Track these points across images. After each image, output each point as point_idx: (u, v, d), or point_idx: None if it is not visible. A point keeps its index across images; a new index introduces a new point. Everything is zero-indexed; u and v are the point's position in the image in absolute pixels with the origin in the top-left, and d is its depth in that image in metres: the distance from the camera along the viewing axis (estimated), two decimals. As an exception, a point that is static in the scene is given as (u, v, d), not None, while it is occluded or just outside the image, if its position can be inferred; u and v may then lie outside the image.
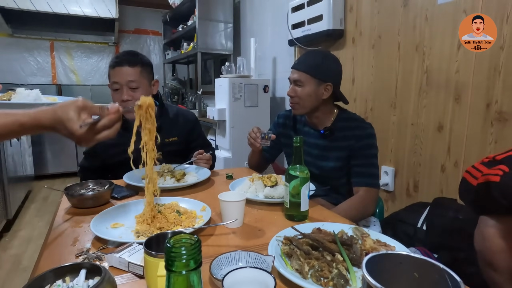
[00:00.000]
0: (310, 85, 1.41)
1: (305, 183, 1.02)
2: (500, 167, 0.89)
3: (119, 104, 1.48)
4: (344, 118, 1.49)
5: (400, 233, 1.55)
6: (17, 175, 3.25)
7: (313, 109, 1.46)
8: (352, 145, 1.42)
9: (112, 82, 1.50)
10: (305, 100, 1.43)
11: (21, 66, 4.70)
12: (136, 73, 1.50)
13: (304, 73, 1.41)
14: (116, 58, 1.52)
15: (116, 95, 1.51)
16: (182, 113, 1.76)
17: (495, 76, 1.51)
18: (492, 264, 0.96)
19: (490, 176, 0.90)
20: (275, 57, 3.34)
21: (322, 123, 1.49)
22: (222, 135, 3.15)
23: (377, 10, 2.11)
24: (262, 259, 0.72)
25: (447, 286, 0.43)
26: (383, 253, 0.49)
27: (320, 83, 1.41)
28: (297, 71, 1.44)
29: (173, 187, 1.33)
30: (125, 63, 1.48)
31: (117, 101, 1.50)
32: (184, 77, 5.42)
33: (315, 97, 1.43)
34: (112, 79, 1.50)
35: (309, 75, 1.41)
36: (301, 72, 1.42)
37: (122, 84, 1.49)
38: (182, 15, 4.35)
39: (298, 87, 1.44)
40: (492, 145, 1.54)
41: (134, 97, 1.50)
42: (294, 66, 1.46)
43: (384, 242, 0.84)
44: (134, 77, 1.49)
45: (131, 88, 1.50)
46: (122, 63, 1.49)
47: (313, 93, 1.42)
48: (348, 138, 1.43)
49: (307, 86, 1.42)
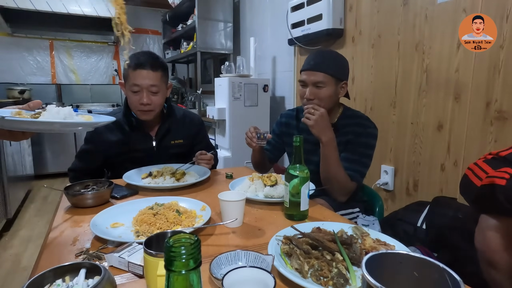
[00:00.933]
0: (331, 85, 1.39)
1: (305, 182, 1.02)
2: (507, 170, 0.89)
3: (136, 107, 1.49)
4: (349, 115, 1.49)
5: (400, 232, 1.55)
6: (17, 174, 3.25)
7: (330, 108, 1.44)
8: (350, 140, 1.42)
9: (133, 84, 1.45)
10: (326, 101, 1.40)
11: (20, 66, 4.70)
12: (158, 78, 1.47)
13: (326, 74, 1.37)
14: (138, 60, 1.45)
15: (135, 97, 1.47)
16: (188, 115, 1.75)
17: (495, 75, 1.51)
18: (492, 263, 0.96)
19: (495, 178, 0.90)
20: (274, 57, 3.34)
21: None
22: (222, 135, 3.15)
23: (377, 9, 2.11)
24: (262, 259, 0.72)
25: (447, 285, 0.43)
26: (383, 252, 0.49)
27: (338, 82, 1.41)
28: (316, 73, 1.38)
29: (173, 186, 1.33)
30: (148, 67, 1.44)
31: (135, 103, 1.49)
32: (183, 77, 5.42)
33: (334, 97, 1.42)
34: (132, 81, 1.45)
35: (330, 75, 1.37)
36: (322, 73, 1.37)
37: (143, 87, 1.45)
38: (182, 15, 4.35)
39: (318, 88, 1.39)
40: (492, 144, 1.55)
41: (153, 101, 1.48)
42: (313, 68, 1.40)
43: (384, 241, 0.84)
44: (155, 81, 1.46)
45: (152, 92, 1.47)
46: (145, 66, 1.44)
47: (333, 94, 1.41)
48: (348, 133, 1.43)
49: (328, 87, 1.38)
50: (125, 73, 1.49)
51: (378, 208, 1.57)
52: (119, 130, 1.57)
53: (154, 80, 1.46)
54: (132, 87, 1.46)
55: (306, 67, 1.43)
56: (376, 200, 1.59)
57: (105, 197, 1.18)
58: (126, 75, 1.48)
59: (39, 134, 4.16)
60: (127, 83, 1.48)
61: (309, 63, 1.42)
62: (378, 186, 2.15)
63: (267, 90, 3.16)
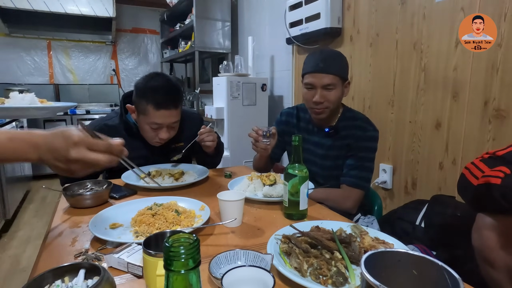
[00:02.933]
0: (339, 86, 1.36)
1: (304, 181, 1.02)
2: (501, 169, 0.90)
3: (153, 139, 1.45)
4: (348, 117, 1.46)
5: (398, 231, 1.55)
6: (15, 175, 3.24)
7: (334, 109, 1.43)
8: (350, 144, 1.41)
9: (153, 122, 1.39)
10: (335, 103, 1.38)
11: (18, 66, 4.68)
12: (178, 113, 1.43)
13: (335, 76, 1.34)
14: (160, 99, 1.35)
15: (153, 133, 1.43)
16: (187, 116, 1.66)
17: (493, 74, 1.51)
18: (489, 261, 0.96)
19: (491, 177, 0.90)
20: (272, 56, 3.34)
21: (328, 122, 1.46)
22: (220, 134, 3.15)
23: (375, 8, 2.11)
24: (261, 258, 0.72)
25: (446, 284, 0.43)
26: (381, 250, 0.49)
27: (343, 82, 1.39)
28: (326, 75, 1.33)
29: (172, 186, 1.33)
30: (172, 106, 1.37)
31: (151, 137, 1.45)
32: (182, 76, 5.41)
33: (340, 99, 1.41)
34: (153, 120, 1.38)
35: (339, 76, 1.35)
36: (332, 75, 1.33)
37: (164, 125, 1.41)
38: (180, 14, 4.34)
39: (328, 91, 1.35)
40: (490, 142, 1.55)
41: (171, 134, 1.46)
42: (322, 70, 1.33)
43: (383, 239, 0.84)
44: (177, 117, 1.43)
45: (172, 127, 1.44)
46: (169, 106, 1.36)
47: (341, 95, 1.39)
48: (348, 137, 1.42)
49: (337, 88, 1.36)
50: (141, 104, 1.39)
51: (376, 207, 1.57)
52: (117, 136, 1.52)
53: (177, 116, 1.42)
54: (152, 124, 1.40)
55: (313, 69, 1.36)
56: (375, 199, 1.59)
57: (103, 197, 1.18)
58: (143, 108, 1.38)
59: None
60: (143, 116, 1.40)
61: (317, 65, 1.35)
62: (376, 184, 2.15)
63: (265, 89, 3.16)
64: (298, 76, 2.93)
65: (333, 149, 1.45)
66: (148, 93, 1.36)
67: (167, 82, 1.41)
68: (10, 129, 0.75)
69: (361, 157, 1.39)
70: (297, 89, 3.01)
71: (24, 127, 3.75)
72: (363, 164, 1.39)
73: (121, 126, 1.53)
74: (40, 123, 4.18)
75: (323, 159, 1.48)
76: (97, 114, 4.29)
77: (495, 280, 0.97)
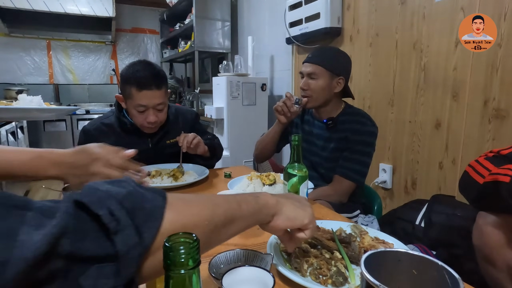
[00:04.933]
0: (324, 78, 1.43)
1: (304, 181, 1.02)
2: (510, 167, 0.89)
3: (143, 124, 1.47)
4: (349, 112, 1.51)
5: (398, 231, 1.55)
6: (15, 175, 3.23)
7: (325, 103, 1.48)
8: (348, 137, 1.43)
9: (138, 105, 1.41)
10: (318, 93, 1.45)
11: (17, 66, 4.68)
12: (162, 95, 1.45)
13: (319, 66, 1.43)
14: (140, 79, 1.39)
15: (141, 116, 1.45)
16: (181, 112, 1.72)
17: (493, 74, 1.51)
18: (490, 260, 0.96)
19: (499, 176, 0.90)
20: (272, 55, 3.34)
21: (328, 114, 1.51)
22: (220, 134, 3.15)
23: (375, 8, 2.11)
24: (261, 258, 0.72)
25: (446, 283, 0.43)
26: (381, 250, 0.49)
27: (333, 76, 1.44)
28: (311, 64, 1.44)
29: (171, 186, 1.33)
30: (154, 87, 1.40)
31: (141, 121, 1.47)
32: (181, 76, 5.41)
33: (328, 90, 1.45)
34: (138, 102, 1.41)
35: (324, 68, 1.42)
36: (316, 65, 1.43)
37: (149, 107, 1.43)
38: (179, 14, 4.34)
39: (312, 80, 1.45)
40: (490, 142, 1.55)
41: (159, 117, 1.47)
42: (308, 60, 1.47)
43: (383, 239, 0.84)
44: (161, 99, 1.44)
45: (158, 109, 1.46)
46: (151, 86, 1.39)
47: (327, 86, 1.44)
48: (346, 130, 1.45)
49: (321, 79, 1.43)
50: (126, 89, 1.43)
51: (376, 207, 1.57)
52: (113, 134, 1.54)
53: (160, 98, 1.44)
54: (137, 107, 1.42)
55: (305, 59, 1.50)
56: (375, 198, 1.59)
57: (103, 197, 1.18)
58: (128, 93, 1.42)
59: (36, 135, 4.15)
60: (129, 100, 1.43)
61: (308, 56, 1.49)
62: (376, 184, 2.15)
63: (265, 89, 3.15)
64: (297, 76, 2.92)
65: (331, 141, 1.48)
66: (131, 77, 1.40)
67: (148, 65, 1.46)
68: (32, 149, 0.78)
69: (357, 150, 1.42)
70: (297, 89, 3.01)
71: (24, 127, 3.74)
72: (358, 157, 1.42)
73: (117, 123, 1.56)
74: (40, 123, 4.18)
75: (322, 150, 1.52)
76: (96, 114, 4.28)
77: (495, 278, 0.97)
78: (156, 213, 0.43)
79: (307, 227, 0.64)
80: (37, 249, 0.32)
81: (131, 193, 0.43)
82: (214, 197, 0.57)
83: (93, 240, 0.37)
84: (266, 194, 0.62)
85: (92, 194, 0.40)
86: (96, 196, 0.40)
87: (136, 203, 0.42)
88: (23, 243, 0.33)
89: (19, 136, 3.43)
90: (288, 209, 0.63)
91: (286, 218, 0.62)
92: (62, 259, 0.35)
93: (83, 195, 0.40)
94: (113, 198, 0.40)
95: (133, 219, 0.40)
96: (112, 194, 0.41)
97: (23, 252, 0.32)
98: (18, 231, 0.33)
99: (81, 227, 0.37)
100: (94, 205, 0.38)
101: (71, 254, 0.35)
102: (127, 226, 0.39)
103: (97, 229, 0.38)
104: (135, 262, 0.39)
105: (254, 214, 0.59)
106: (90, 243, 0.37)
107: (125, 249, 0.38)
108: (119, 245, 0.37)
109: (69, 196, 0.40)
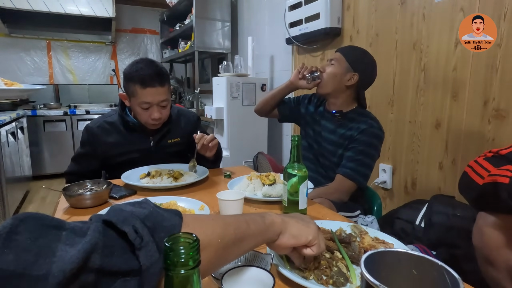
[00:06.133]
0: (340, 66, 1.47)
1: (303, 181, 1.02)
2: (509, 168, 0.89)
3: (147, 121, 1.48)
4: (360, 112, 1.51)
5: (398, 231, 1.56)
6: (15, 175, 3.24)
7: (334, 93, 1.50)
8: (353, 135, 1.43)
9: (142, 102, 1.42)
10: (329, 78, 1.48)
11: (18, 66, 4.68)
12: (166, 92, 1.46)
13: (341, 54, 1.48)
14: (145, 76, 1.40)
15: (145, 113, 1.46)
16: (183, 113, 1.74)
17: (492, 74, 1.52)
18: (490, 260, 0.96)
19: (498, 177, 0.90)
20: (272, 56, 3.34)
21: (338, 109, 1.52)
22: (220, 134, 3.15)
23: (375, 8, 2.12)
24: (261, 258, 0.72)
25: (446, 283, 0.43)
26: (381, 250, 0.49)
27: (349, 69, 1.46)
28: (337, 53, 1.51)
29: (171, 186, 1.33)
30: (157, 84, 1.41)
31: (145, 118, 1.47)
32: (181, 76, 5.41)
33: (339, 79, 1.47)
34: (142, 99, 1.42)
35: (344, 57, 1.47)
36: (339, 53, 1.50)
37: (153, 103, 1.44)
38: (179, 14, 4.34)
39: (328, 65, 1.50)
40: (490, 142, 1.55)
41: (163, 114, 1.48)
42: (337, 49, 1.54)
43: (383, 239, 0.84)
44: (165, 96, 1.45)
45: (162, 106, 1.47)
46: (154, 83, 1.40)
47: (338, 75, 1.47)
48: (352, 128, 1.45)
49: (337, 66, 1.47)
50: (129, 87, 1.43)
51: (376, 207, 1.57)
52: (116, 132, 1.56)
53: (164, 94, 1.45)
54: (142, 104, 1.43)
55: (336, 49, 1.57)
56: (375, 198, 1.59)
57: (103, 197, 1.18)
58: (132, 90, 1.43)
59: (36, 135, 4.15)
60: (133, 98, 1.45)
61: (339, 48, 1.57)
62: (376, 184, 2.15)
63: (265, 89, 3.16)
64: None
65: (334, 135, 1.49)
66: (134, 75, 1.41)
67: (150, 62, 1.46)
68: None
69: (361, 150, 1.41)
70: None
71: (24, 128, 3.75)
72: (362, 159, 1.41)
73: (120, 122, 1.57)
74: (40, 123, 4.18)
75: (324, 141, 1.54)
76: (96, 114, 4.29)
77: (495, 279, 0.97)
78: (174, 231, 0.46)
79: (312, 243, 0.65)
80: (72, 262, 0.36)
81: (151, 213, 0.47)
82: (225, 217, 0.60)
83: (120, 256, 0.41)
84: (271, 214, 0.64)
85: (118, 214, 0.44)
86: (122, 216, 0.44)
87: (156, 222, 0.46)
88: (60, 258, 0.36)
89: (19, 136, 3.44)
90: (292, 227, 0.64)
91: (291, 236, 0.64)
92: (93, 272, 0.38)
93: (111, 215, 0.44)
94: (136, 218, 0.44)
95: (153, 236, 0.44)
96: (136, 214, 0.45)
97: (61, 266, 0.36)
98: (56, 248, 0.38)
99: (109, 244, 0.41)
100: (121, 223, 0.42)
101: (101, 268, 0.38)
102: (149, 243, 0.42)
103: (123, 246, 0.42)
104: (156, 276, 0.42)
105: (262, 233, 0.60)
106: (117, 258, 0.40)
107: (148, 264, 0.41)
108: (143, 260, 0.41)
109: (98, 216, 0.44)
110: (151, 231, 0.44)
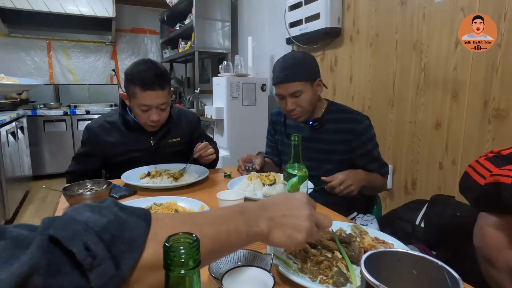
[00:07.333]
0: (308, 90, 1.38)
1: (303, 181, 1.02)
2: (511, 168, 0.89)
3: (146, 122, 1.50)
4: (334, 110, 1.49)
5: (398, 231, 1.55)
6: (15, 175, 3.24)
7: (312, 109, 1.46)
8: (351, 140, 1.42)
9: (142, 104, 1.43)
10: (307, 106, 1.41)
11: (18, 66, 4.68)
12: (166, 95, 1.46)
13: (300, 82, 1.36)
14: (145, 79, 1.40)
15: (144, 115, 1.46)
16: (183, 114, 1.74)
17: (493, 74, 1.51)
18: (491, 261, 0.96)
19: (501, 177, 0.90)
20: (272, 56, 3.34)
21: (312, 116, 1.50)
22: (220, 134, 3.15)
23: (375, 8, 2.11)
24: (261, 258, 0.72)
25: (446, 283, 0.43)
26: (381, 250, 0.49)
27: (313, 82, 1.41)
28: (290, 84, 1.36)
29: (171, 186, 1.33)
30: (157, 87, 1.41)
31: (144, 120, 1.48)
32: (181, 76, 5.41)
33: (314, 98, 1.43)
34: (141, 101, 1.42)
35: (304, 81, 1.37)
36: (295, 82, 1.36)
37: (152, 106, 1.44)
38: (179, 14, 4.34)
39: (296, 98, 1.38)
40: (490, 142, 1.55)
41: (161, 116, 1.49)
42: (285, 80, 1.37)
43: (383, 239, 0.84)
44: (165, 99, 1.46)
45: (161, 109, 1.47)
46: (154, 86, 1.40)
47: (312, 96, 1.41)
48: (343, 131, 1.43)
49: (306, 92, 1.38)
50: (130, 88, 1.43)
51: (376, 207, 1.57)
52: (117, 131, 1.56)
53: (163, 98, 1.45)
54: (141, 106, 1.44)
55: (277, 80, 1.40)
56: (374, 198, 1.59)
57: (103, 197, 1.18)
58: (132, 92, 1.43)
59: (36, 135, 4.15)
60: (133, 99, 1.45)
61: (278, 76, 1.39)
62: (376, 184, 2.15)
63: (265, 89, 3.16)
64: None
65: (316, 142, 1.48)
66: (135, 76, 1.41)
67: (152, 65, 1.45)
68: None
69: (373, 148, 1.45)
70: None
71: (24, 128, 3.75)
72: (378, 155, 1.48)
73: (121, 121, 1.57)
74: (40, 123, 4.18)
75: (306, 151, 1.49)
76: (96, 114, 4.29)
77: (496, 279, 0.96)
78: (135, 243, 0.42)
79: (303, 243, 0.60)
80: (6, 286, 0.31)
81: (111, 222, 0.41)
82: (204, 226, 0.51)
83: (67, 276, 0.36)
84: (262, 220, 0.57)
85: (67, 228, 0.39)
86: (71, 230, 0.38)
87: (116, 233, 0.41)
88: None
89: (19, 136, 3.44)
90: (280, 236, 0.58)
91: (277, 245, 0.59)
92: None
93: (59, 228, 0.38)
94: (90, 231, 0.39)
95: (110, 251, 0.39)
96: (91, 225, 0.40)
97: None
98: None
99: (54, 262, 0.36)
100: (69, 242, 0.37)
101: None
102: (104, 260, 0.38)
103: (71, 265, 0.37)
104: None
105: (242, 245, 0.56)
106: (65, 278, 0.36)
107: (101, 284, 0.37)
108: (95, 281, 0.37)
109: (46, 226, 0.39)
110: (107, 245, 0.39)
